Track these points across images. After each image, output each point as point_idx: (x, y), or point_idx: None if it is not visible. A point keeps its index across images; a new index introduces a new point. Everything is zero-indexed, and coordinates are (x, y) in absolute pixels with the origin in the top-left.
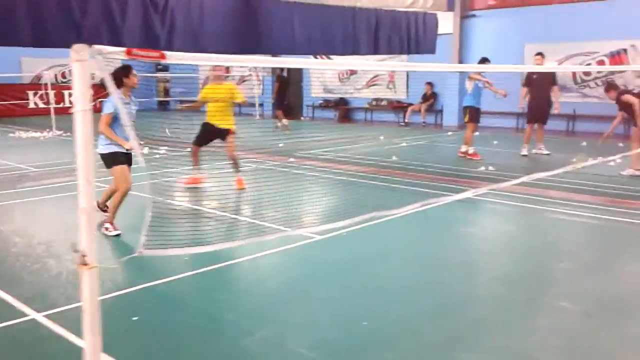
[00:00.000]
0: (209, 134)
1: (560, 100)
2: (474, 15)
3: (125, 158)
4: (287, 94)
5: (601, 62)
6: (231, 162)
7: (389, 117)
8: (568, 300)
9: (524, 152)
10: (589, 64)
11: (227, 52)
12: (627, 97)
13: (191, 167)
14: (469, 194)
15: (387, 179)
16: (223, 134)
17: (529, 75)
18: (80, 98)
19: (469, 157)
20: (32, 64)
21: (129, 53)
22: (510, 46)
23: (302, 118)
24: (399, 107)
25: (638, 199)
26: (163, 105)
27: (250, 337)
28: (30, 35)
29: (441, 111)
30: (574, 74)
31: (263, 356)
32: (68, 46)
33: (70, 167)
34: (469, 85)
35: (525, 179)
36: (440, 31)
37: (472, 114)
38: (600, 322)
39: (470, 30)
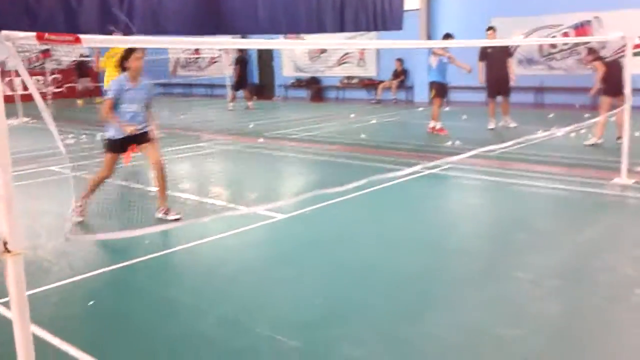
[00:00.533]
0: None
1: (528, 73)
2: None
3: (125, 143)
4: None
5: (566, 34)
6: None
7: (360, 94)
8: (522, 270)
9: (491, 125)
10: (554, 36)
11: (188, 33)
12: (596, 63)
13: None
14: (418, 168)
15: (355, 156)
16: None
17: (484, 49)
18: None
19: (436, 132)
20: None
21: (40, 37)
22: (477, 20)
23: (274, 98)
24: (370, 84)
25: (598, 169)
26: None
27: (205, 318)
28: None
29: (412, 87)
30: (540, 46)
31: (218, 336)
32: (24, 30)
33: (34, 154)
34: (433, 61)
35: (478, 151)
36: (407, 7)
37: (438, 90)
38: (550, 290)
39: (437, 6)
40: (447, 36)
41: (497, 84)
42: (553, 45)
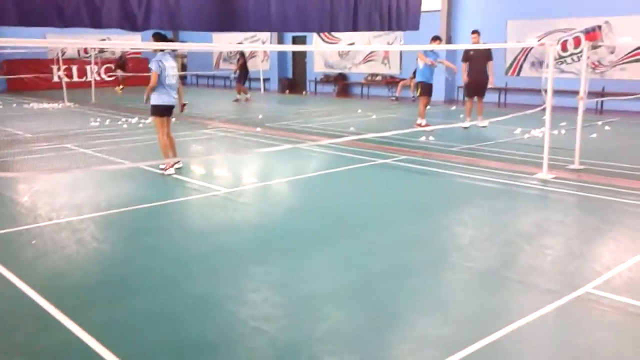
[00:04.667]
0: None
1: (540, 76)
2: None
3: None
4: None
5: (577, 39)
6: None
7: (383, 92)
8: (378, 235)
9: (466, 124)
10: (566, 40)
11: (204, 29)
12: None
13: None
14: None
15: (329, 146)
16: None
17: (467, 52)
18: None
19: (422, 129)
20: (59, 39)
21: None
22: (495, 22)
23: (304, 93)
24: (392, 82)
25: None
26: (180, 80)
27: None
28: (16, 16)
29: None
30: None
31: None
32: (53, 25)
33: (58, 133)
34: (420, 63)
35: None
36: (428, 8)
37: (424, 89)
38: (393, 251)
39: (457, 7)
40: (435, 39)
41: (476, 84)
42: (564, 49)
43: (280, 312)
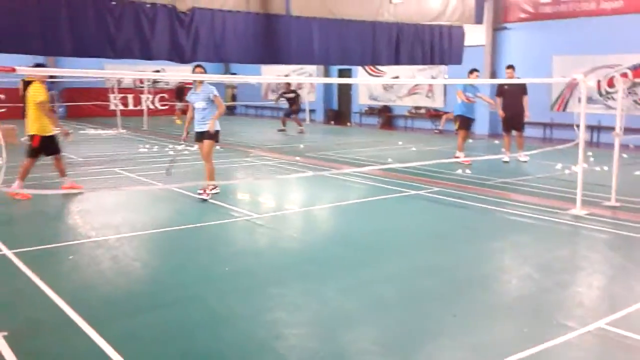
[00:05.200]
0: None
1: (586, 112)
2: (505, 28)
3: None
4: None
5: (624, 75)
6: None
7: (427, 124)
8: (395, 264)
9: (505, 158)
10: (612, 77)
11: (249, 62)
12: None
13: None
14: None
15: (366, 177)
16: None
17: (501, 86)
18: None
19: (458, 161)
20: (116, 70)
21: None
22: (540, 57)
23: (348, 124)
24: (435, 115)
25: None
26: (230, 110)
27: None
28: (71, 47)
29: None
30: (598, 85)
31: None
32: (105, 56)
33: (108, 158)
34: (458, 97)
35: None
36: (472, 43)
37: (462, 122)
38: (407, 280)
39: (502, 42)
40: (472, 71)
41: (512, 119)
42: (610, 85)
43: (291, 331)
